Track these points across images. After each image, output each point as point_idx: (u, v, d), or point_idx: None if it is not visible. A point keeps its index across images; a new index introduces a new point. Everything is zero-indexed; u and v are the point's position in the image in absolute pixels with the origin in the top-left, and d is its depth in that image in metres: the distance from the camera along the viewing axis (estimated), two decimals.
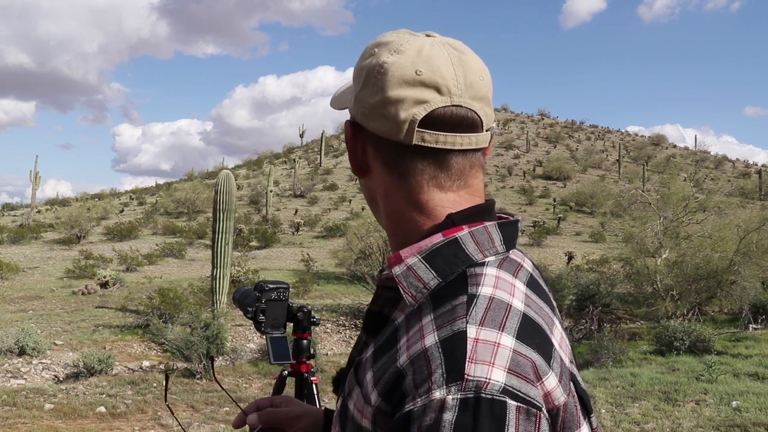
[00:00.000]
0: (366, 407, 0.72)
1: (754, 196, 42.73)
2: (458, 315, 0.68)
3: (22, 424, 6.81)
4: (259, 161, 64.23)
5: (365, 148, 0.82)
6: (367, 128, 0.81)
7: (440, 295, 0.72)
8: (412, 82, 0.76)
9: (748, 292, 14.04)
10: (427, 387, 0.64)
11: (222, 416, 7.58)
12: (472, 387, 0.63)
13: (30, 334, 10.06)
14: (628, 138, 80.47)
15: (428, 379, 0.64)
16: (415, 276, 0.74)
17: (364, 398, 0.73)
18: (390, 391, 0.68)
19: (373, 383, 0.72)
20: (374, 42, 0.83)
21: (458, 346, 0.65)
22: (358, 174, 0.86)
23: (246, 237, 26.51)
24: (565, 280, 14.67)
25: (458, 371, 0.63)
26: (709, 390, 7.11)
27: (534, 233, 28.33)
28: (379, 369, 0.72)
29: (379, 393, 0.70)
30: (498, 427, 0.62)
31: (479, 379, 0.63)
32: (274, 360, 1.39)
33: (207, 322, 9.70)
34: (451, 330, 0.67)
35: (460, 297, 0.70)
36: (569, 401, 0.69)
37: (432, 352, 0.66)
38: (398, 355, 0.70)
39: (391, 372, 0.69)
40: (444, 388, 0.63)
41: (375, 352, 0.76)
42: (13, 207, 47.25)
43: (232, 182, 14.38)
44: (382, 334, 0.78)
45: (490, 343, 0.65)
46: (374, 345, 0.78)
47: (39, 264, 21.67)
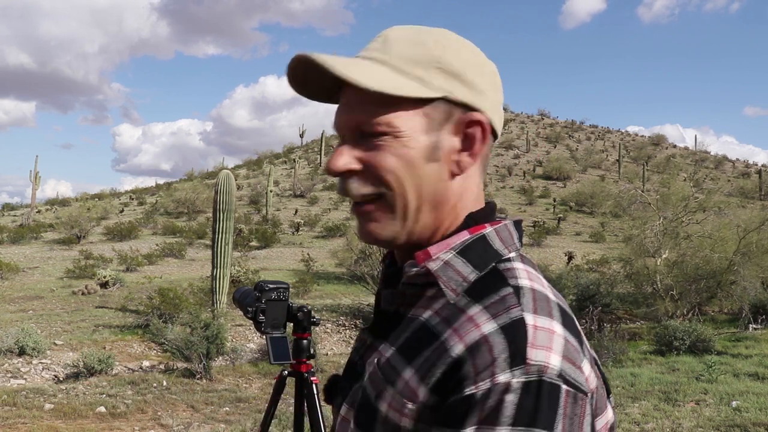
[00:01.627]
0: (406, 405, 0.73)
1: (754, 196, 42.74)
2: (511, 304, 0.71)
3: (22, 424, 6.81)
4: (259, 161, 64.23)
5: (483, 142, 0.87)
6: (492, 122, 0.83)
7: (478, 288, 0.75)
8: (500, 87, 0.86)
9: (748, 292, 14.04)
10: (490, 371, 0.67)
11: (222, 416, 7.58)
12: (535, 371, 0.66)
13: (30, 334, 10.06)
14: (628, 138, 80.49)
15: (491, 363, 0.67)
16: (454, 270, 0.77)
17: (405, 396, 0.73)
18: (443, 382, 0.70)
19: (419, 379, 0.72)
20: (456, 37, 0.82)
21: (519, 332, 0.68)
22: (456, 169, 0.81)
23: (246, 237, 26.50)
24: (565, 280, 14.67)
25: (521, 356, 0.67)
26: (709, 390, 7.11)
27: (534, 233, 28.33)
28: (424, 364, 0.72)
29: (430, 388, 0.71)
30: (553, 410, 0.66)
31: (540, 363, 0.67)
32: (274, 360, 1.39)
33: (207, 322, 9.70)
34: (509, 318, 0.70)
35: (504, 289, 0.74)
36: (599, 384, 0.74)
37: (493, 338, 0.68)
38: (449, 347, 0.71)
39: (445, 363, 0.70)
40: (508, 371, 0.66)
41: (401, 350, 0.77)
42: (13, 207, 47.26)
43: (232, 182, 14.38)
44: (399, 333, 0.79)
45: (546, 330, 0.69)
46: (393, 345, 0.79)
47: (39, 264, 21.67)
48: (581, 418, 0.67)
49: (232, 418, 7.45)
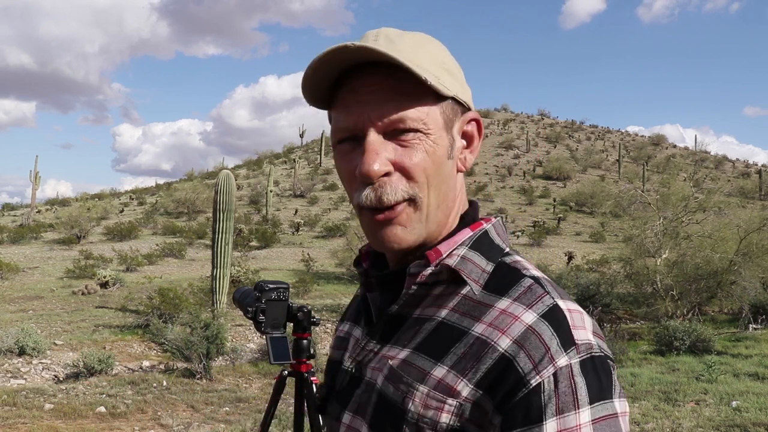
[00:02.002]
0: (447, 401, 0.72)
1: (754, 196, 42.75)
2: (540, 293, 0.74)
3: (22, 424, 6.81)
4: (259, 161, 64.23)
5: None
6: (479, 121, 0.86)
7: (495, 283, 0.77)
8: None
9: (748, 292, 14.03)
10: (549, 357, 0.69)
11: (222, 416, 7.58)
12: (584, 349, 0.71)
13: (30, 334, 10.06)
14: (628, 138, 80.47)
15: (547, 350, 0.69)
16: (473, 263, 0.79)
17: (442, 392, 0.73)
18: (495, 379, 0.70)
19: (457, 375, 0.72)
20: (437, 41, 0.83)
21: (560, 317, 0.72)
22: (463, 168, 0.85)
23: (246, 237, 26.50)
24: (565, 280, 14.66)
25: (569, 338, 0.71)
26: (709, 390, 7.11)
27: (534, 233, 28.32)
28: (461, 361, 0.73)
29: (475, 383, 0.71)
30: (610, 379, 0.71)
31: (585, 341, 0.71)
32: (274, 360, 1.39)
33: (207, 322, 9.69)
34: (545, 305, 0.73)
35: (524, 280, 0.77)
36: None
37: (539, 326, 0.71)
38: (492, 342, 0.72)
39: (491, 358, 0.71)
40: (565, 355, 0.69)
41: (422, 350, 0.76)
42: (13, 207, 47.26)
43: (232, 182, 14.38)
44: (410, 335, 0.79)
45: (577, 312, 0.74)
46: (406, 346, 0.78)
47: (39, 264, 21.67)
48: (617, 380, 0.73)
49: (232, 418, 7.45)
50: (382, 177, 0.75)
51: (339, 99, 0.78)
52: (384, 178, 0.75)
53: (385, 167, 0.75)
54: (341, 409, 0.85)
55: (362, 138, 0.76)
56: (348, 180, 0.80)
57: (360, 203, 0.77)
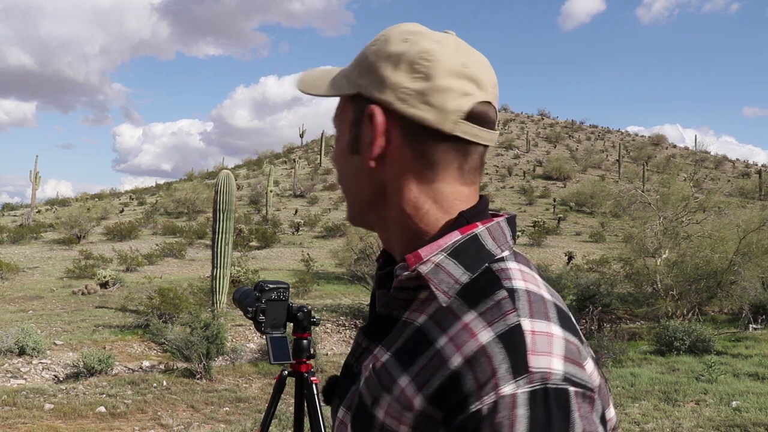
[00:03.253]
0: (405, 413, 0.71)
1: (754, 196, 42.74)
2: (507, 309, 0.69)
3: (22, 424, 6.81)
4: (259, 161, 64.22)
5: (390, 136, 0.79)
6: (404, 114, 0.77)
7: (472, 291, 0.73)
8: (459, 74, 0.77)
9: (748, 292, 14.04)
10: (493, 384, 0.64)
11: (222, 416, 7.58)
12: (538, 378, 0.64)
13: (30, 334, 10.05)
14: (628, 138, 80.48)
15: (493, 375, 0.64)
16: (446, 273, 0.74)
17: (401, 404, 0.71)
18: (443, 395, 0.67)
19: (416, 388, 0.70)
20: (398, 30, 0.80)
21: (518, 340, 0.66)
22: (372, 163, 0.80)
23: (246, 237, 26.50)
24: (565, 280, 14.66)
25: (523, 364, 0.64)
26: (709, 390, 7.11)
27: (534, 233, 28.32)
28: (421, 373, 0.70)
29: (427, 398, 0.69)
30: (566, 415, 0.63)
31: (543, 370, 0.64)
32: (274, 360, 1.39)
33: (207, 322, 9.69)
34: (506, 324, 0.67)
35: (498, 292, 0.71)
36: (601, 381, 0.73)
37: (491, 348, 0.66)
38: (445, 357, 0.68)
39: (443, 375, 0.68)
40: (512, 383, 0.64)
41: (397, 355, 0.75)
42: (13, 207, 47.25)
43: (232, 182, 14.38)
44: (395, 337, 0.77)
45: (544, 334, 0.67)
46: (389, 349, 0.77)
47: (39, 264, 21.67)
48: (593, 416, 0.66)
49: (232, 418, 7.45)
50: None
51: None
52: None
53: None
54: (339, 403, 0.85)
55: None
56: None
57: None
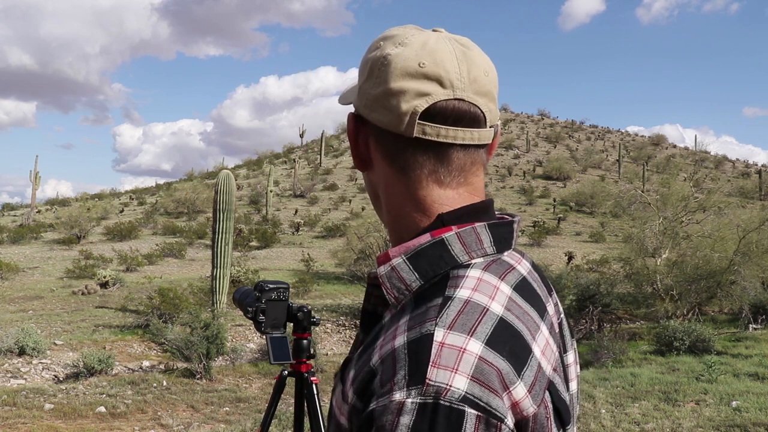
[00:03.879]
0: (344, 405, 0.72)
1: (754, 196, 42.74)
2: (429, 317, 0.67)
3: (22, 424, 6.81)
4: (259, 161, 64.21)
5: (367, 141, 0.81)
6: (369, 120, 0.79)
7: (421, 296, 0.72)
8: (414, 74, 0.75)
9: (748, 292, 14.03)
10: (389, 387, 0.63)
11: (222, 416, 7.58)
12: (432, 392, 0.61)
13: (30, 334, 10.05)
14: (628, 138, 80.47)
15: (391, 379, 0.64)
16: (398, 277, 0.74)
17: (343, 396, 0.73)
18: (363, 389, 0.68)
19: (352, 380, 0.71)
20: (381, 36, 0.82)
21: (423, 349, 0.64)
22: (360, 167, 0.84)
23: (246, 237, 26.50)
24: (565, 280, 14.66)
25: (420, 375, 0.62)
26: (709, 390, 7.11)
27: (534, 233, 28.33)
28: (359, 367, 0.72)
29: (355, 390, 0.69)
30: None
31: (440, 384, 0.62)
32: (274, 360, 1.39)
33: (207, 322, 9.69)
34: (419, 332, 0.66)
35: (436, 299, 0.69)
36: (540, 412, 0.67)
37: (399, 352, 0.65)
38: (373, 354, 0.69)
39: (366, 370, 0.68)
40: (405, 390, 0.62)
41: (361, 351, 0.76)
42: (13, 207, 47.25)
43: (232, 182, 14.38)
44: (372, 333, 0.78)
45: (455, 348, 0.64)
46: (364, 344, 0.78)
47: (39, 264, 21.67)
48: None
49: (232, 418, 7.45)
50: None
51: None
52: None
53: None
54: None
55: None
56: None
57: None
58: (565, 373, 0.77)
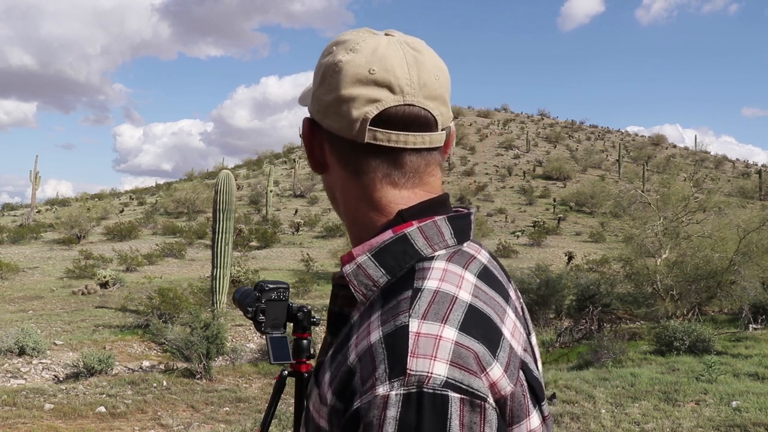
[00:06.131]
0: (322, 407, 0.72)
1: (754, 196, 42.73)
2: (401, 309, 0.68)
3: (22, 424, 6.81)
4: (259, 161, 64.20)
5: (322, 145, 0.83)
6: (322, 125, 0.82)
7: (390, 291, 0.73)
8: (365, 81, 0.76)
9: (748, 292, 14.03)
10: (371, 383, 0.64)
11: (222, 416, 7.58)
12: (414, 381, 0.63)
13: (30, 334, 10.05)
14: (628, 138, 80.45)
15: (372, 375, 0.64)
16: (365, 274, 0.75)
17: (320, 399, 0.73)
18: (342, 389, 0.69)
19: (329, 383, 0.72)
20: (334, 40, 0.83)
21: (400, 341, 0.65)
22: (316, 170, 0.86)
23: (246, 237, 26.50)
24: (565, 280, 14.66)
25: (401, 366, 0.64)
26: (709, 390, 7.11)
27: (534, 233, 28.33)
28: (335, 368, 0.72)
29: (333, 392, 0.70)
30: (441, 421, 0.62)
31: (421, 373, 0.63)
32: (274, 360, 1.38)
33: (207, 322, 9.69)
34: (394, 325, 0.67)
35: (405, 292, 0.71)
36: (516, 390, 0.69)
37: (376, 348, 0.66)
38: (349, 353, 0.70)
39: (343, 370, 0.69)
40: (387, 383, 0.63)
41: (333, 352, 0.76)
42: (13, 207, 47.27)
43: (232, 182, 14.38)
44: (341, 334, 0.78)
45: (431, 337, 0.65)
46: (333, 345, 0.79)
47: (39, 264, 21.67)
48: (481, 426, 0.63)
49: (232, 418, 7.45)
50: None
51: None
52: None
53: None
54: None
55: None
56: None
57: None
58: (533, 353, 0.79)
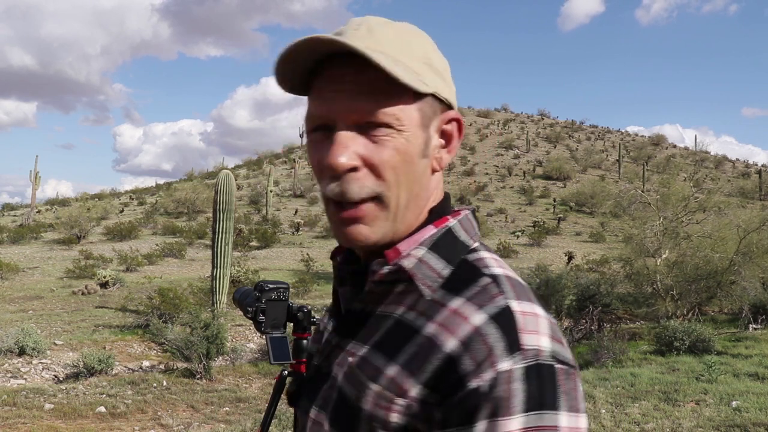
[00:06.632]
0: (396, 401, 0.72)
1: (754, 196, 42.74)
2: (494, 293, 0.72)
3: (22, 424, 6.81)
4: (259, 161, 64.19)
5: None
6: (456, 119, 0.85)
7: (454, 281, 0.76)
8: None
9: (748, 292, 14.03)
10: (490, 361, 0.67)
11: (222, 416, 7.58)
12: (531, 355, 0.68)
13: (30, 334, 10.05)
14: (628, 138, 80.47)
15: (490, 353, 0.68)
16: (428, 267, 0.77)
17: (392, 392, 0.72)
18: (438, 379, 0.70)
19: (408, 375, 0.72)
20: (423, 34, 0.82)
21: (509, 320, 0.70)
22: (437, 168, 0.82)
23: (246, 237, 26.50)
24: (565, 280, 14.65)
25: (516, 342, 0.68)
26: (709, 390, 7.11)
27: (534, 233, 28.32)
28: (412, 360, 0.72)
29: (422, 383, 0.70)
30: (554, 389, 0.68)
31: (534, 347, 0.69)
32: (274, 360, 1.38)
33: (207, 322, 9.69)
34: (496, 306, 0.71)
35: (481, 279, 0.74)
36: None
37: (486, 328, 0.69)
38: (439, 342, 0.71)
39: (437, 359, 0.70)
40: (508, 359, 0.67)
41: (378, 347, 0.76)
42: (13, 207, 47.28)
43: (232, 182, 14.38)
44: (371, 331, 0.78)
45: (531, 314, 0.71)
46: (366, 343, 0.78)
47: (39, 264, 21.67)
48: (575, 392, 0.70)
49: (232, 418, 7.45)
50: (349, 172, 0.74)
51: (315, 86, 0.78)
52: (351, 173, 0.74)
53: (352, 161, 0.74)
54: (309, 404, 0.85)
55: (333, 129, 0.76)
56: (318, 170, 0.78)
57: (326, 194, 0.77)
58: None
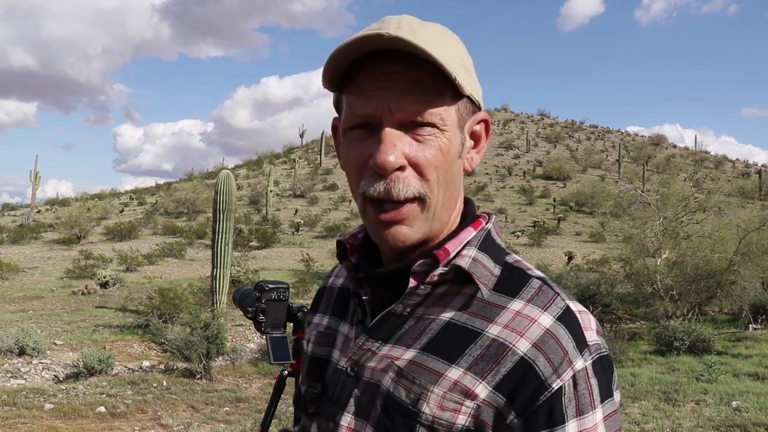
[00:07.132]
0: (466, 402, 0.72)
1: (754, 196, 42.71)
2: (552, 295, 0.76)
3: (22, 424, 6.81)
4: (259, 161, 64.16)
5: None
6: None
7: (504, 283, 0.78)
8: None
9: (748, 292, 14.03)
10: (567, 361, 0.71)
11: (222, 416, 7.58)
12: (595, 350, 0.74)
13: (30, 334, 10.05)
14: (628, 138, 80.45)
15: (565, 354, 0.72)
16: (483, 266, 0.79)
17: (460, 394, 0.72)
18: (514, 381, 0.71)
19: (475, 377, 0.72)
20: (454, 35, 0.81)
21: (573, 320, 0.74)
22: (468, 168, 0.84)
23: (246, 237, 26.49)
24: (565, 280, 14.66)
25: (583, 341, 0.73)
26: (709, 390, 7.11)
27: (534, 233, 28.31)
28: (478, 362, 0.73)
29: (493, 386, 0.72)
30: (611, 376, 0.75)
31: (595, 342, 0.74)
32: (274, 360, 1.38)
33: (207, 322, 9.69)
34: (559, 308, 0.75)
35: (532, 281, 0.78)
36: None
37: (556, 330, 0.73)
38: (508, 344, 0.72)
39: (511, 361, 0.72)
40: (581, 357, 0.72)
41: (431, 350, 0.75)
42: (14, 207, 47.25)
43: (232, 182, 14.38)
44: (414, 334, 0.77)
45: (584, 313, 0.76)
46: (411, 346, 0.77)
47: (39, 264, 21.66)
48: (616, 379, 0.78)
49: (232, 418, 7.44)
50: (396, 171, 0.74)
51: (355, 84, 0.76)
52: (397, 172, 0.74)
53: (400, 160, 0.73)
54: (338, 410, 0.81)
55: (377, 127, 0.74)
56: (357, 168, 0.77)
57: (366, 193, 0.76)
58: None
